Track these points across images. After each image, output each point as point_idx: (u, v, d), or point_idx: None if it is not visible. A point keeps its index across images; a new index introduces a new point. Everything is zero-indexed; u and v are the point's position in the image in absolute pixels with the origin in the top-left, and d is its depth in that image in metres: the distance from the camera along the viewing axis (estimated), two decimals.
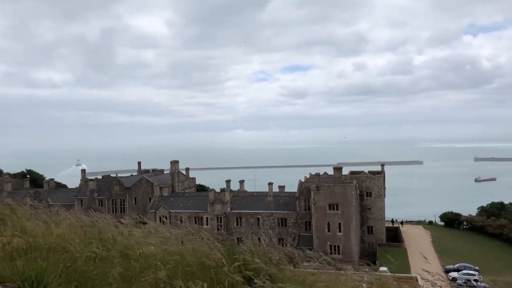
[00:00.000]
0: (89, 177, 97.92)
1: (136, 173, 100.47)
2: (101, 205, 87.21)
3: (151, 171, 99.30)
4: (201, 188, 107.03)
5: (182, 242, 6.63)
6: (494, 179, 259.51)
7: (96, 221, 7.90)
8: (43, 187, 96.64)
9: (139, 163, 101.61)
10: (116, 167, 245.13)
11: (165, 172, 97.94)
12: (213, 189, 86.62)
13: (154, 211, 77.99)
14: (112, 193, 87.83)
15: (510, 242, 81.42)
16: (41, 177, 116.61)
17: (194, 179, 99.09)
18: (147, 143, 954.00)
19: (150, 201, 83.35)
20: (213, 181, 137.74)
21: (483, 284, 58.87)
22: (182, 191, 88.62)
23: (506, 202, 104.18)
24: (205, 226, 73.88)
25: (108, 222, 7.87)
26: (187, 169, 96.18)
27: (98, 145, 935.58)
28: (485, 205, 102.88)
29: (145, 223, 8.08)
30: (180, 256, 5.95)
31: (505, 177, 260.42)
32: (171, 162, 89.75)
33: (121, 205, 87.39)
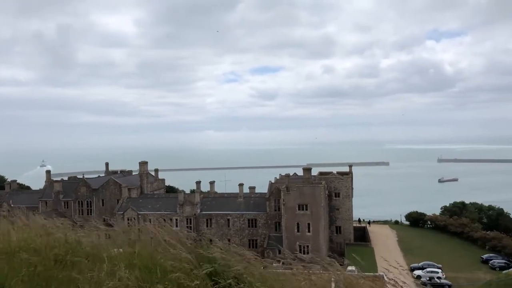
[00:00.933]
0: (55, 179, 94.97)
1: (103, 174, 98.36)
2: (67, 207, 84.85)
3: (119, 172, 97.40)
4: (171, 190, 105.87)
5: (150, 244, 6.54)
6: (456, 180, 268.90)
7: (61, 223, 7.69)
8: (4, 189, 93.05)
9: (107, 164, 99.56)
10: (83, 168, 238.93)
11: (133, 173, 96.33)
12: (182, 191, 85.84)
13: (122, 213, 76.51)
14: (78, 195, 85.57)
15: (471, 240, 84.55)
16: (2, 179, 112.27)
17: (163, 180, 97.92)
18: (116, 144, 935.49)
19: (118, 203, 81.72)
20: (183, 183, 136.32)
21: (445, 281, 60.88)
22: (151, 193, 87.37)
23: (467, 202, 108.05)
24: (174, 228, 72.99)
25: (74, 225, 7.68)
26: (156, 170, 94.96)
27: (64, 145, 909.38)
28: (447, 205, 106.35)
29: (111, 225, 7.93)
30: (149, 258, 5.87)
31: (466, 178, 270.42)
32: (139, 163, 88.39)
33: (88, 207, 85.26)
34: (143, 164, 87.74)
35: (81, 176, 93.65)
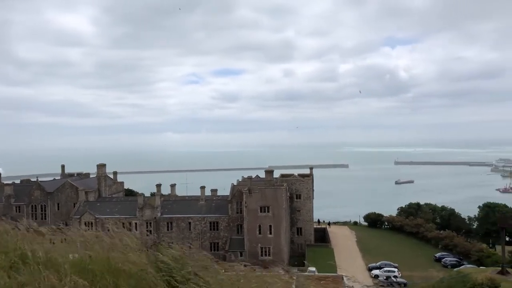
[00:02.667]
0: (6, 182, 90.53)
1: (59, 177, 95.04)
2: (19, 212, 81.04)
3: (75, 175, 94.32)
4: (130, 193, 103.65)
5: (107, 249, 6.35)
6: (412, 182, 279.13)
7: (13, 228, 7.33)
8: None
9: (63, 167, 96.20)
10: (37, 170, 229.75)
11: (91, 176, 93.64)
12: (142, 194, 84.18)
13: (78, 217, 74.03)
14: (32, 199, 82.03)
15: (425, 239, 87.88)
16: None
17: (122, 183, 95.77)
18: (72, 145, 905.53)
19: (74, 206, 79.02)
20: (143, 185, 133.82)
21: (401, 280, 62.91)
22: (110, 196, 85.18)
23: (422, 202, 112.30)
24: (133, 232, 71.43)
25: (26, 229, 7.34)
26: (115, 173, 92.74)
27: (17, 146, 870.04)
28: (404, 206, 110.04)
29: (67, 230, 7.64)
30: (104, 262, 5.70)
31: (421, 180, 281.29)
32: (97, 165, 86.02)
33: (42, 211, 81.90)
34: (101, 166, 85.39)
35: (34, 179, 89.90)
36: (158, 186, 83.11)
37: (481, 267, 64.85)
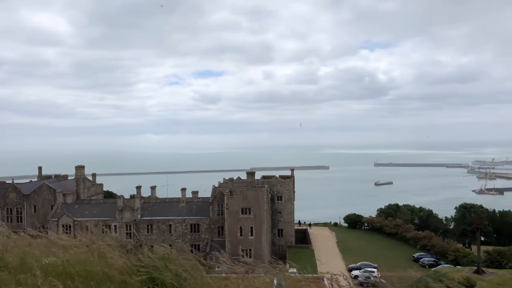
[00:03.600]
0: None
1: (36, 179, 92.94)
2: None
3: (53, 177, 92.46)
4: (109, 195, 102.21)
5: (87, 252, 6.24)
6: (391, 183, 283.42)
7: None
8: None
9: (40, 168, 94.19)
10: (13, 172, 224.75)
11: (69, 178, 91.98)
12: (122, 196, 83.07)
13: (56, 219, 72.56)
14: (7, 201, 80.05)
15: (404, 240, 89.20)
16: None
17: (101, 185, 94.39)
18: (50, 147, 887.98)
19: (52, 209, 77.41)
20: (123, 187, 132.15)
21: (380, 280, 63.74)
22: (88, 198, 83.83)
23: (400, 204, 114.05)
24: (113, 235, 70.43)
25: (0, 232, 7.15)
26: (94, 175, 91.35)
27: None
28: (383, 207, 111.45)
29: (44, 232, 7.47)
30: (83, 266, 5.60)
31: (400, 181, 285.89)
32: (76, 167, 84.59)
33: (18, 214, 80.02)
34: (80, 168, 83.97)
35: (10, 181, 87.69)
36: (138, 188, 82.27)
37: (457, 267, 66.19)
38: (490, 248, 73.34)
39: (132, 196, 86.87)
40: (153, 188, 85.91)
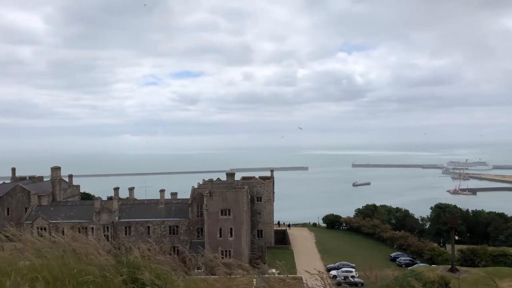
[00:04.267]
0: None
1: (9, 181, 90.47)
2: None
3: (28, 178, 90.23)
4: (86, 197, 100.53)
5: (63, 256, 6.13)
6: (368, 184, 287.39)
7: None
8: None
9: (13, 170, 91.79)
10: None
11: (44, 180, 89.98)
12: (99, 198, 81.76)
13: (31, 222, 70.82)
14: None
15: (381, 240, 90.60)
16: None
17: (78, 186, 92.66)
18: (25, 147, 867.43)
19: (26, 211, 75.53)
20: (100, 189, 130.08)
21: (358, 280, 64.48)
22: (64, 200, 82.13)
23: (378, 204, 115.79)
24: (90, 237, 69.24)
25: None
26: (70, 176, 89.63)
27: None
28: (361, 207, 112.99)
29: (19, 235, 7.31)
30: (59, 269, 5.51)
31: (377, 182, 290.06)
32: (52, 168, 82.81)
33: None
34: (56, 169, 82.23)
35: None
36: (116, 189, 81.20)
37: (432, 266, 67.57)
38: (464, 247, 75.18)
39: (110, 198, 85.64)
40: (131, 189, 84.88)
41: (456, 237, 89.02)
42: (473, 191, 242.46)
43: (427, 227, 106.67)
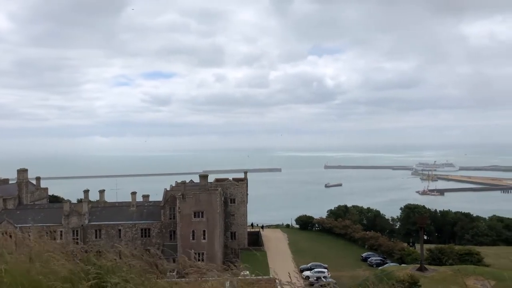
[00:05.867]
0: None
1: None
2: None
3: None
4: (55, 200, 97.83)
5: (30, 260, 5.92)
6: (340, 185, 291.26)
7: None
8: None
9: None
10: None
11: (10, 182, 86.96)
12: (68, 200, 79.71)
13: None
14: None
15: (353, 240, 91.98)
16: None
17: (46, 189, 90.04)
18: None
19: None
20: (69, 191, 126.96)
21: (330, 280, 65.27)
22: (32, 203, 79.70)
23: (349, 205, 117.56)
24: (58, 241, 67.33)
25: None
26: (38, 179, 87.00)
27: None
28: (333, 208, 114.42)
29: None
30: (23, 275, 5.31)
31: (349, 183, 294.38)
32: (18, 170, 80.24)
33: None
34: (22, 171, 79.69)
35: None
36: (86, 192, 79.50)
37: (402, 265, 69.07)
38: (432, 246, 77.21)
39: (80, 201, 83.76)
40: (101, 192, 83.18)
41: (425, 237, 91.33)
42: (441, 192, 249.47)
43: (397, 227, 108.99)
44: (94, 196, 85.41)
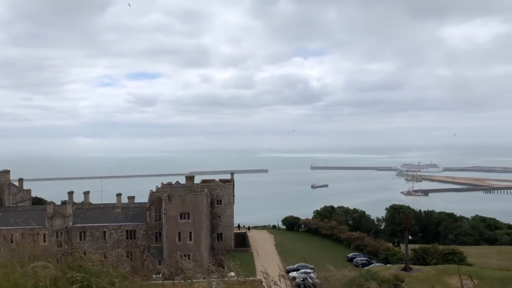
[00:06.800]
0: None
1: None
2: None
3: None
4: (38, 201, 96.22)
5: (12, 263, 5.82)
6: (326, 185, 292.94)
7: None
8: None
9: None
10: None
11: None
12: (52, 202, 78.53)
13: None
14: None
15: (339, 240, 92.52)
16: None
17: (29, 191, 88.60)
18: None
19: None
20: (53, 193, 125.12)
21: (317, 281, 65.53)
22: (14, 205, 78.31)
23: (335, 205, 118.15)
24: (42, 244, 66.31)
25: None
26: (21, 180, 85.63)
27: None
28: (319, 209, 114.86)
29: None
30: (5, 279, 5.22)
31: (335, 184, 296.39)
32: (0, 172, 78.66)
33: None
34: (4, 173, 78.33)
35: None
36: (70, 193, 78.48)
37: (387, 265, 69.71)
38: (416, 246, 78.04)
39: (64, 202, 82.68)
40: (86, 193, 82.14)
41: (410, 237, 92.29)
42: (425, 192, 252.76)
43: (382, 227, 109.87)
44: (78, 198, 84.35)
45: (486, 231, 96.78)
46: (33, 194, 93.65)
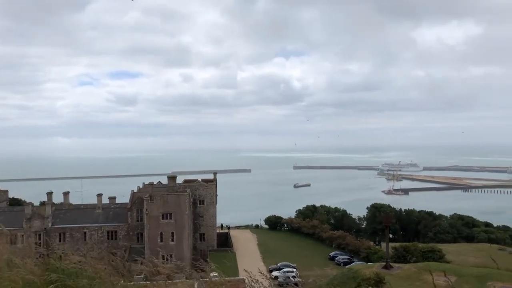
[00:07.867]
0: None
1: None
2: None
3: None
4: (16, 202, 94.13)
5: None
6: (309, 185, 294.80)
7: None
8: None
9: None
10: None
11: None
12: (31, 203, 76.97)
13: None
14: None
15: (321, 240, 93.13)
16: None
17: (6, 192, 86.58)
18: None
19: None
20: (31, 194, 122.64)
21: (299, 280, 65.86)
22: None
23: (317, 205, 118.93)
24: (19, 245, 64.86)
25: None
26: None
27: None
28: (301, 208, 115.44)
29: None
30: None
31: (317, 183, 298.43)
32: None
33: None
34: None
35: None
36: (49, 194, 77.07)
37: (369, 263, 70.46)
38: (397, 244, 79.18)
39: (43, 203, 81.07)
40: (66, 194, 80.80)
41: (390, 235, 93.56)
42: (406, 191, 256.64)
43: (363, 226, 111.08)
44: (58, 199, 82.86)
45: (464, 229, 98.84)
46: (10, 195, 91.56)
